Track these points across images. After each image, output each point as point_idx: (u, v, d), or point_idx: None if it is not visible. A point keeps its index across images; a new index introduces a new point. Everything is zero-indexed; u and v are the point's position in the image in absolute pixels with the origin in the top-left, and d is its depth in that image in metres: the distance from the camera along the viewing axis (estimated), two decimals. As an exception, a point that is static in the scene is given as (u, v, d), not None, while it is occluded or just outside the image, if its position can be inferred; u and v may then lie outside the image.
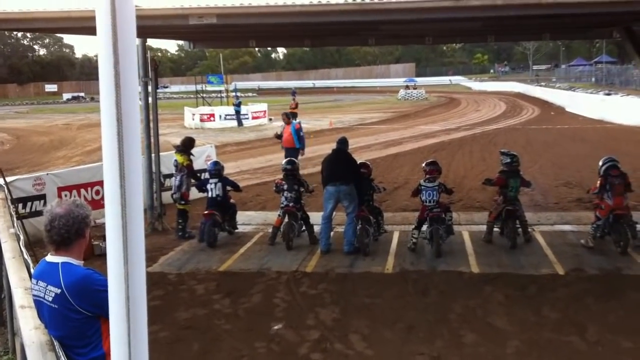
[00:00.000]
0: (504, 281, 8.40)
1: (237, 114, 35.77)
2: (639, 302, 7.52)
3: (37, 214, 10.35)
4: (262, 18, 8.13)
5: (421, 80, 77.90)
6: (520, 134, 27.79)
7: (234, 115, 35.89)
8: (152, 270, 9.05)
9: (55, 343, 3.12)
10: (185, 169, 11.37)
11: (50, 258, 3.21)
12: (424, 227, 9.79)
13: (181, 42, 19.80)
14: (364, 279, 8.71)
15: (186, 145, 11.64)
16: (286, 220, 10.29)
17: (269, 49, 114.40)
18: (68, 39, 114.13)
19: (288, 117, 16.26)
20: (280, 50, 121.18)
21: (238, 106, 36.33)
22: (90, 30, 9.05)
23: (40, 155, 24.84)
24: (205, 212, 10.62)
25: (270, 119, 37.00)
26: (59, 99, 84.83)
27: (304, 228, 10.60)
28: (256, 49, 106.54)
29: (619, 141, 23.27)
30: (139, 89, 10.40)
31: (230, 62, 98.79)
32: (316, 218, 10.53)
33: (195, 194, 11.97)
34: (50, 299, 3.12)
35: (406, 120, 37.65)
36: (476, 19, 8.77)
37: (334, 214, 10.24)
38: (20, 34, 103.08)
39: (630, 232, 9.38)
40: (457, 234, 10.34)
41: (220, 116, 35.99)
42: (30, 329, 3.32)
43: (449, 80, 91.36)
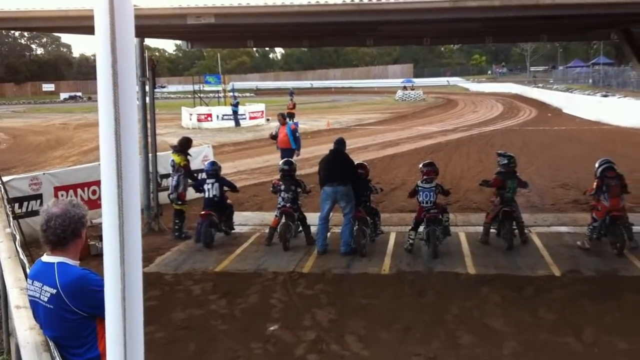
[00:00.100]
0: (500, 282, 8.41)
1: (235, 114, 35.78)
2: (635, 304, 7.54)
3: (34, 213, 10.32)
4: (260, 18, 8.12)
5: (419, 81, 77.97)
6: (517, 135, 27.82)
7: (231, 115, 35.90)
8: (149, 271, 9.04)
9: (51, 343, 3.11)
10: (182, 169, 11.35)
11: (46, 258, 3.20)
12: (421, 228, 9.81)
13: (179, 42, 19.79)
14: (361, 279, 8.71)
15: (183, 146, 11.63)
16: (283, 220, 10.30)
17: (267, 49, 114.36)
18: (65, 38, 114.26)
19: (284, 118, 16.27)
20: (278, 51, 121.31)
21: (236, 106, 36.33)
22: (87, 29, 9.03)
23: (37, 155, 24.80)
24: (202, 213, 10.62)
25: (267, 119, 37.00)
26: (56, 99, 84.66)
27: (300, 229, 10.60)
28: (254, 49, 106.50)
29: (615, 143, 23.32)
30: (137, 88, 10.41)
31: (228, 62, 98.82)
32: (313, 219, 10.52)
33: (192, 194, 11.97)
34: (46, 299, 3.11)
35: (403, 121, 37.69)
36: (474, 20, 8.78)
37: (331, 214, 10.23)
38: (17, 33, 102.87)
39: (626, 234, 9.41)
40: (454, 235, 10.36)
41: (217, 116, 36.01)
42: (25, 329, 3.31)
43: (447, 81, 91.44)
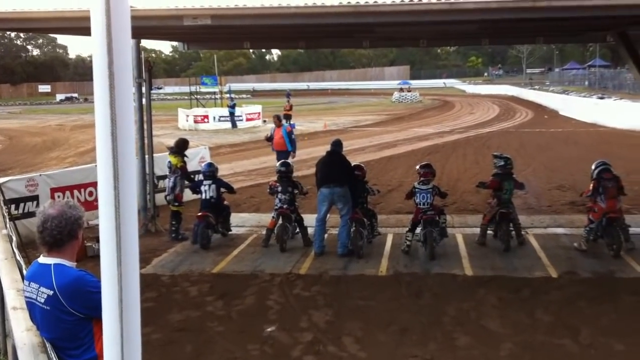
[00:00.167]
0: (497, 284, 8.42)
1: (232, 115, 35.75)
2: (631, 305, 7.55)
3: (30, 215, 10.29)
4: (257, 19, 8.12)
5: (415, 83, 78.06)
6: (513, 137, 27.88)
7: (227, 116, 35.87)
8: (145, 272, 9.02)
9: (48, 345, 3.10)
10: (178, 170, 11.34)
11: (42, 259, 3.19)
12: (418, 230, 9.81)
13: (175, 43, 19.78)
14: (358, 281, 8.70)
15: (180, 147, 11.61)
16: (280, 222, 10.29)
17: (264, 50, 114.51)
18: (61, 39, 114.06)
19: (279, 120, 16.24)
20: (275, 52, 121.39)
21: (232, 108, 36.30)
22: (84, 30, 9.01)
23: (33, 156, 24.74)
24: (199, 214, 10.61)
25: (264, 121, 36.99)
26: (52, 100, 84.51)
27: (297, 230, 10.59)
28: (250, 51, 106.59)
29: (611, 145, 23.38)
30: (133, 89, 10.38)
31: (224, 64, 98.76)
32: (310, 220, 10.52)
33: (188, 195, 11.95)
34: (43, 301, 3.10)
35: (400, 123, 37.71)
36: (471, 22, 8.79)
37: (328, 216, 10.23)
38: (13, 34, 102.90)
39: (623, 235, 9.43)
40: (451, 237, 10.36)
41: (214, 118, 35.98)
42: (22, 330, 3.30)
43: (443, 83, 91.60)
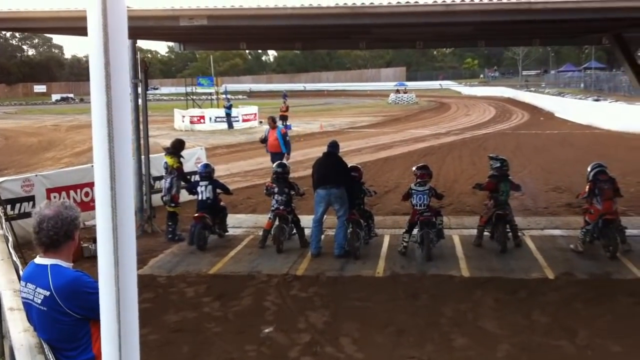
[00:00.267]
0: (494, 285, 8.42)
1: (228, 116, 35.72)
2: (628, 307, 7.57)
3: (26, 215, 10.26)
4: (253, 20, 8.12)
5: (411, 85, 78.17)
6: (509, 138, 27.94)
7: (224, 117, 35.85)
8: (142, 273, 8.99)
9: (45, 346, 3.09)
10: (175, 171, 11.32)
11: (39, 260, 3.18)
12: (415, 231, 9.81)
13: (171, 44, 19.77)
14: (355, 282, 8.70)
15: (176, 148, 11.59)
16: (277, 223, 10.28)
17: (260, 51, 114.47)
18: (57, 39, 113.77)
19: (274, 121, 16.15)
20: (271, 53, 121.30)
21: (229, 109, 36.28)
22: (79, 30, 9.00)
23: (29, 157, 24.68)
24: (196, 215, 10.59)
25: (260, 122, 36.98)
26: (47, 100, 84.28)
27: (294, 231, 10.58)
28: (247, 51, 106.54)
29: (607, 146, 23.46)
30: (129, 90, 10.36)
31: (220, 64, 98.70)
32: (307, 221, 10.51)
33: (185, 196, 11.93)
34: (39, 301, 3.09)
35: (396, 124, 37.75)
36: (467, 24, 8.80)
37: (325, 217, 10.22)
38: (8, 34, 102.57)
39: (619, 237, 9.46)
40: (448, 238, 10.35)
41: (210, 118, 35.95)
42: (19, 331, 3.29)
43: (439, 84, 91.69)
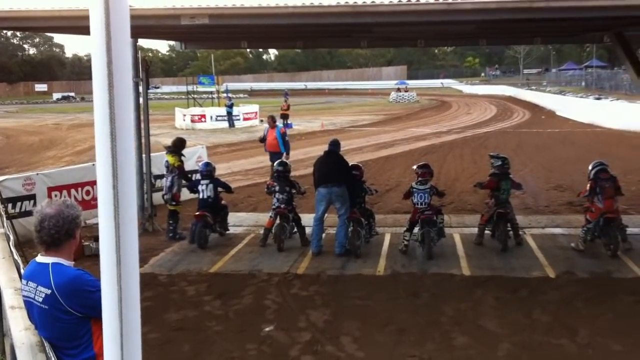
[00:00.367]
0: (495, 284, 8.42)
1: (229, 115, 35.73)
2: (629, 305, 7.57)
3: (27, 214, 10.26)
4: (254, 19, 8.12)
5: (413, 83, 78.06)
6: (511, 137, 27.92)
7: (225, 116, 35.86)
8: (143, 271, 9.00)
9: (46, 344, 3.09)
10: (176, 169, 11.32)
11: (40, 259, 3.19)
12: (416, 230, 9.81)
13: (172, 43, 19.76)
14: (355, 281, 8.70)
15: (177, 146, 11.60)
16: (278, 221, 10.28)
17: (261, 50, 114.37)
18: (58, 38, 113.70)
19: (273, 120, 16.08)
20: (272, 52, 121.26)
21: (230, 107, 36.28)
22: (81, 29, 8.99)
23: (30, 155, 24.68)
24: (197, 214, 10.59)
25: (261, 120, 36.98)
26: (49, 99, 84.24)
27: (295, 230, 10.58)
28: (248, 50, 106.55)
29: (608, 145, 23.44)
30: (131, 89, 10.36)
31: (221, 63, 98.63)
32: (308, 220, 10.52)
33: (186, 195, 11.94)
34: (41, 300, 3.09)
35: (398, 123, 37.73)
36: (468, 22, 8.79)
37: (326, 215, 10.23)
38: (9, 33, 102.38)
39: (620, 236, 9.46)
40: (449, 237, 10.35)
41: (211, 117, 35.96)
42: (20, 330, 3.30)
43: (441, 83, 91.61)
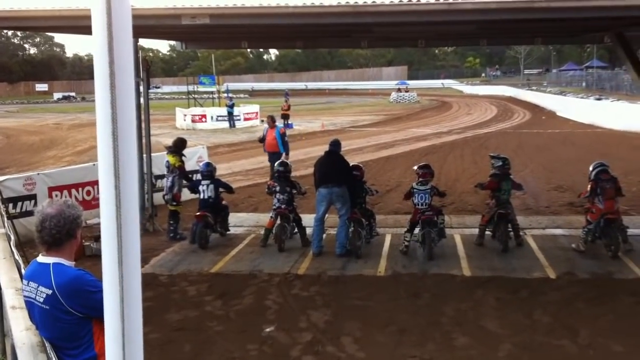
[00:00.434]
0: (495, 284, 8.42)
1: (230, 115, 35.73)
2: (630, 306, 7.56)
3: (28, 214, 10.27)
4: (255, 19, 8.12)
5: (413, 83, 78.09)
6: (511, 137, 27.92)
7: (225, 116, 35.86)
8: (144, 272, 8.97)
9: (47, 344, 3.09)
10: (177, 170, 11.32)
11: (41, 259, 3.18)
12: (416, 230, 9.80)
13: (173, 43, 19.76)
14: (356, 281, 8.70)
15: (178, 146, 11.60)
16: (278, 222, 10.27)
17: (261, 50, 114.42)
18: (59, 38, 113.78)
19: (273, 120, 16.09)
20: (272, 52, 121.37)
21: (231, 107, 36.29)
22: (81, 29, 9.00)
23: (31, 155, 24.69)
24: (197, 214, 10.59)
25: (262, 120, 36.97)
26: (49, 99, 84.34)
27: (296, 230, 10.58)
28: (248, 50, 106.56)
29: (609, 146, 23.43)
30: (131, 89, 10.36)
31: (222, 63, 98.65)
32: (308, 220, 10.51)
33: (187, 195, 11.93)
34: (42, 300, 3.09)
35: (398, 123, 37.74)
36: (469, 22, 8.79)
37: (327, 216, 10.22)
38: (10, 33, 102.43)
39: (621, 236, 9.45)
40: (449, 237, 10.35)
41: (212, 117, 35.97)
42: (21, 330, 3.29)
43: (441, 83, 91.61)
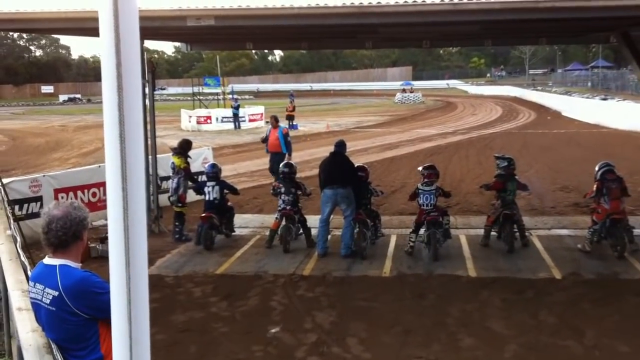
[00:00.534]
0: (501, 285, 8.40)
1: (235, 116, 35.77)
2: (636, 307, 7.53)
3: (34, 215, 10.31)
4: (260, 20, 8.14)
5: (418, 84, 78.06)
6: (516, 138, 27.86)
7: (230, 117, 35.91)
8: (149, 273, 8.78)
9: (53, 346, 3.10)
10: (182, 171, 11.34)
11: (48, 260, 3.20)
12: (422, 231, 9.79)
13: (178, 44, 19.79)
14: (361, 282, 8.70)
15: (183, 148, 11.62)
16: (283, 223, 10.28)
17: (266, 51, 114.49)
18: (64, 40, 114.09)
19: (276, 120, 16.05)
20: (277, 53, 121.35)
21: (236, 109, 36.32)
22: (87, 31, 9.04)
23: (37, 157, 24.78)
24: (203, 215, 10.60)
25: (267, 122, 36.99)
26: (55, 100, 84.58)
27: (301, 231, 10.58)
28: (253, 51, 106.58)
29: (615, 146, 23.36)
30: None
31: (227, 65, 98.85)
32: (313, 221, 10.51)
33: (192, 196, 11.95)
34: (48, 302, 3.10)
35: (403, 124, 37.71)
36: (474, 23, 8.79)
37: (332, 217, 10.22)
38: (16, 35, 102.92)
39: (627, 237, 9.41)
40: (455, 238, 10.34)
41: (217, 118, 36.03)
42: (27, 331, 3.30)
43: (446, 84, 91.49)
